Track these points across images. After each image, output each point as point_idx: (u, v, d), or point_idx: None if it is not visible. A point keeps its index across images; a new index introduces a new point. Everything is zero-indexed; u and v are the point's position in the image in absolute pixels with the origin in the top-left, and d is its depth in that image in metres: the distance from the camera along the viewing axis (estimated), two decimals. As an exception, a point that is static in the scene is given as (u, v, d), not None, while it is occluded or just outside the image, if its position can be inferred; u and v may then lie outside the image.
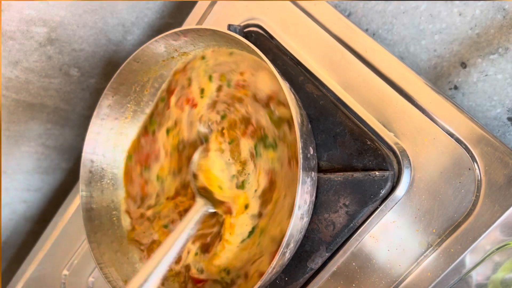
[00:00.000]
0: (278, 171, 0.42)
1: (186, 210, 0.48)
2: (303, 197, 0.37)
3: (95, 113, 0.51)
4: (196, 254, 0.47)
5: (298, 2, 0.48)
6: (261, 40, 0.48)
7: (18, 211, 0.79)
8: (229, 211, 0.45)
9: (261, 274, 0.40)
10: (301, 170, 0.35)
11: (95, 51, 0.65)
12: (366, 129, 0.42)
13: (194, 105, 0.48)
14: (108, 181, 0.54)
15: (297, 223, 0.36)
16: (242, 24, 0.51)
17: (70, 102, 0.70)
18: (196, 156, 0.47)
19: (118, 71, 0.49)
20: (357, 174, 0.39)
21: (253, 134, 0.44)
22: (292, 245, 0.38)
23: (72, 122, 0.74)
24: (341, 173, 0.40)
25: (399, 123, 0.41)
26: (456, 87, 0.49)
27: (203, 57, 0.48)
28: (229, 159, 0.45)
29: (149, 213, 0.51)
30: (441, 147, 0.38)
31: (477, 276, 0.37)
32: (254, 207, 0.43)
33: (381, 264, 0.39)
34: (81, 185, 0.51)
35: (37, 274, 0.64)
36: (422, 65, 0.51)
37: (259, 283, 0.37)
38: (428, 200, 0.38)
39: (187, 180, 0.48)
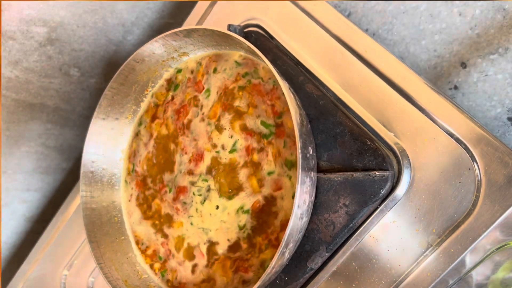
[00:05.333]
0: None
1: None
2: (302, 196, 0.37)
3: (95, 113, 0.51)
4: None
5: (298, 2, 0.48)
6: (261, 40, 0.48)
7: (18, 211, 0.79)
8: None
9: None
10: (300, 170, 0.35)
11: (95, 51, 0.65)
12: (366, 129, 0.42)
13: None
14: (109, 181, 0.54)
15: (296, 223, 0.36)
16: (242, 24, 0.51)
17: (70, 102, 0.70)
18: None
19: (118, 71, 0.49)
20: (357, 174, 0.39)
21: None
22: (291, 245, 0.38)
23: (72, 122, 0.74)
24: (341, 173, 0.40)
25: (399, 123, 0.41)
26: (456, 87, 0.48)
27: None
28: None
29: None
30: (441, 147, 0.38)
31: (477, 276, 0.37)
32: None
33: (381, 264, 0.39)
34: (81, 185, 0.51)
35: (37, 274, 0.64)
36: (422, 65, 0.51)
37: (259, 283, 0.37)
38: (428, 200, 0.38)
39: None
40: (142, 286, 0.49)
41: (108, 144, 0.53)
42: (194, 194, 0.47)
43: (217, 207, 0.45)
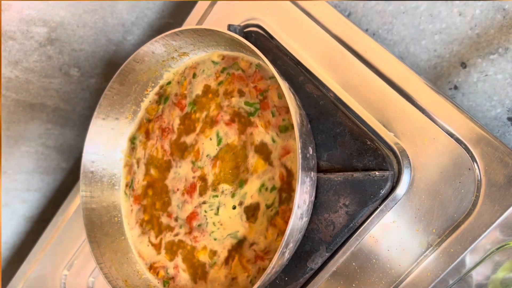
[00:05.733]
0: None
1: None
2: (302, 197, 0.37)
3: (95, 113, 0.51)
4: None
5: (298, 2, 0.48)
6: (261, 40, 0.48)
7: (18, 211, 0.79)
8: None
9: None
10: (300, 170, 0.35)
11: (95, 51, 0.65)
12: (366, 129, 0.42)
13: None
14: (109, 181, 0.54)
15: (296, 223, 0.36)
16: (242, 24, 0.51)
17: (70, 102, 0.70)
18: None
19: (118, 71, 0.49)
20: (357, 174, 0.39)
21: None
22: (291, 245, 0.38)
23: (72, 122, 0.74)
24: (341, 173, 0.40)
25: (399, 123, 0.41)
26: (456, 87, 0.49)
27: None
28: None
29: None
30: (441, 147, 0.38)
31: (477, 276, 0.37)
32: None
33: (381, 264, 0.39)
34: (81, 185, 0.51)
35: (37, 274, 0.65)
36: (422, 65, 0.51)
37: (259, 283, 0.37)
38: (428, 200, 0.38)
39: None
40: (142, 286, 0.49)
41: (108, 144, 0.53)
42: (206, 211, 0.46)
43: (234, 207, 0.44)
